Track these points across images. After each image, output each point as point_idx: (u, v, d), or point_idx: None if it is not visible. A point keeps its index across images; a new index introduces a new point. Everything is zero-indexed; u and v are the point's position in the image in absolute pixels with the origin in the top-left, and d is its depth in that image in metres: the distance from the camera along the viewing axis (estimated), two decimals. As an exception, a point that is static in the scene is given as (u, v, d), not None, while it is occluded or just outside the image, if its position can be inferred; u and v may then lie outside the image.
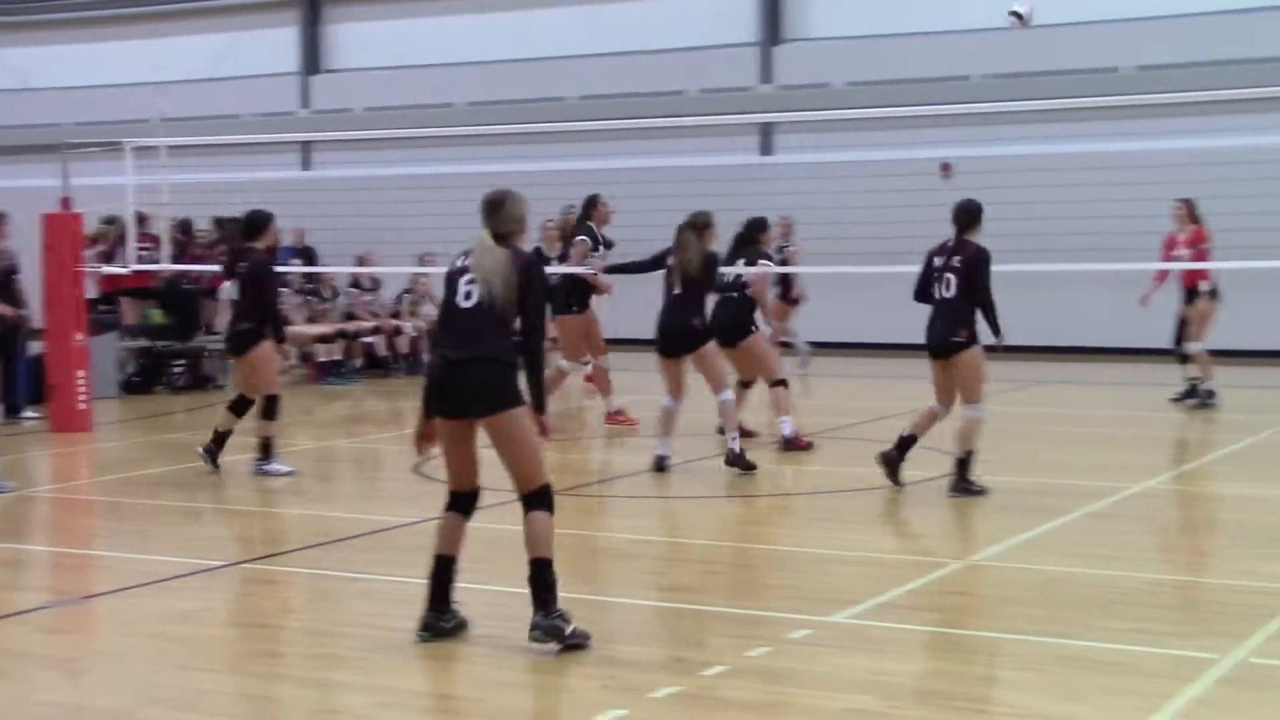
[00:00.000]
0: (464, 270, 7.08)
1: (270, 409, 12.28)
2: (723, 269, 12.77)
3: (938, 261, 10.97)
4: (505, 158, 23.41)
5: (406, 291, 21.99)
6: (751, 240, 13.91)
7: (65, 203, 16.01)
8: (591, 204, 15.19)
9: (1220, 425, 15.17)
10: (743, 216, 14.34)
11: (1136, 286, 18.60)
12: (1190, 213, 16.28)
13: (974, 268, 10.79)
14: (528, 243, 7.66)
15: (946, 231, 18.06)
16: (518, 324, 7.03)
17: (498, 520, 10.45)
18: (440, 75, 27.78)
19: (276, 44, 29.58)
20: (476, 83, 27.28)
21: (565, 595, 8.07)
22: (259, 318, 12.15)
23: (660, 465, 11.98)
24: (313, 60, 29.45)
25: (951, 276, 10.81)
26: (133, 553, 9.38)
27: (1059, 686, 6.31)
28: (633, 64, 26.25)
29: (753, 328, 13.44)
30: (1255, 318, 21.39)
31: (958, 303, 10.78)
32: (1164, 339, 17.25)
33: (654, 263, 12.53)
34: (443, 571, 7.14)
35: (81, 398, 15.22)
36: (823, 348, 21.82)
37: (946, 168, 22.54)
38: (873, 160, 19.03)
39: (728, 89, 25.37)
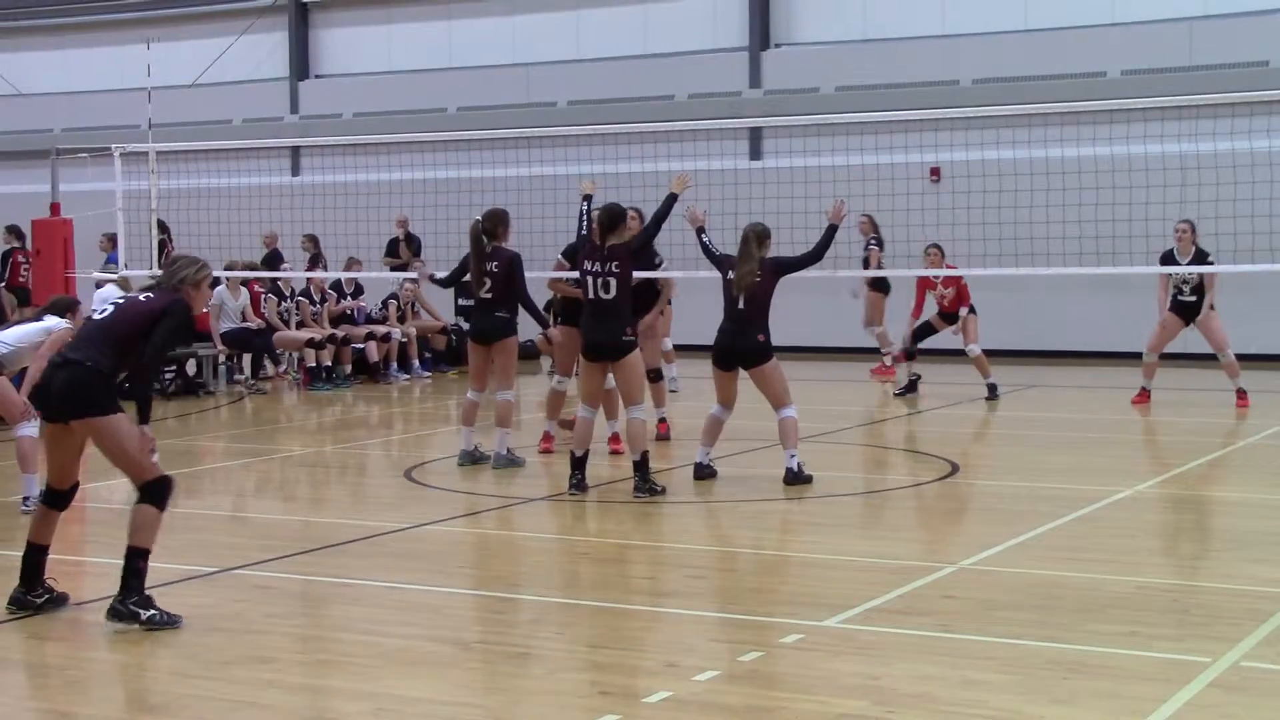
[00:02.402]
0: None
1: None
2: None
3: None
4: (494, 163, 23.40)
5: (392, 297, 21.95)
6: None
7: (54, 208, 16.00)
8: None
9: (1210, 429, 15.20)
10: (733, 220, 14.29)
11: (1126, 290, 18.67)
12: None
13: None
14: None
15: (935, 236, 18.22)
16: None
17: (489, 524, 10.46)
18: (429, 80, 27.78)
19: (265, 50, 29.57)
20: (466, 88, 27.27)
21: (557, 600, 8.09)
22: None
23: (703, 473, 11.80)
24: (302, 66, 29.43)
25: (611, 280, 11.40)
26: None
27: (1051, 690, 6.33)
28: (622, 69, 26.26)
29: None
30: (1241, 322, 21.42)
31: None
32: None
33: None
34: None
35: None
36: (812, 352, 21.84)
37: (936, 172, 22.58)
38: (862, 165, 19.03)
39: (717, 94, 25.39)
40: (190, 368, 19.98)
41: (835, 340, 23.21)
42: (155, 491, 7.67)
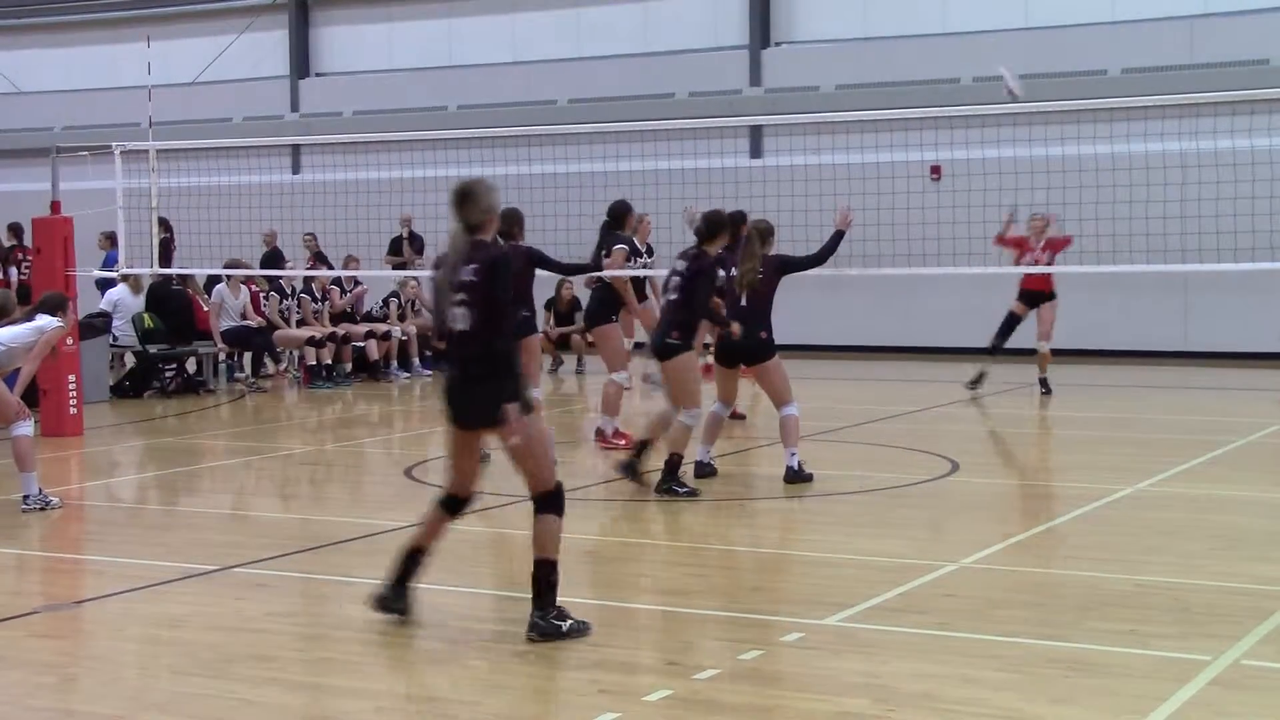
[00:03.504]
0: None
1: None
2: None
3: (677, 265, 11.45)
4: (494, 161, 23.31)
5: (393, 295, 21.95)
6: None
7: (55, 206, 15.98)
8: (627, 211, 14.77)
9: (1210, 428, 15.19)
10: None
11: (1126, 288, 18.64)
12: None
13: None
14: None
15: (936, 234, 18.22)
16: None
17: (490, 523, 10.45)
18: (430, 79, 27.77)
19: (266, 48, 29.56)
20: (466, 86, 27.27)
21: (560, 599, 8.07)
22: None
23: (703, 471, 11.76)
24: (302, 64, 29.42)
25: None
26: (124, 557, 9.37)
27: (1051, 689, 6.33)
28: (622, 67, 26.25)
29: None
30: (1241, 321, 21.44)
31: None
32: (1152, 342, 17.29)
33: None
34: None
35: (72, 402, 15.20)
36: (811, 350, 21.83)
37: (936, 171, 22.57)
38: (862, 163, 19.02)
39: (717, 92, 25.39)
40: (191, 366, 19.99)
41: (836, 338, 23.22)
42: (556, 500, 7.26)
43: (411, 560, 7.52)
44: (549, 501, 7.23)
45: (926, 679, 6.45)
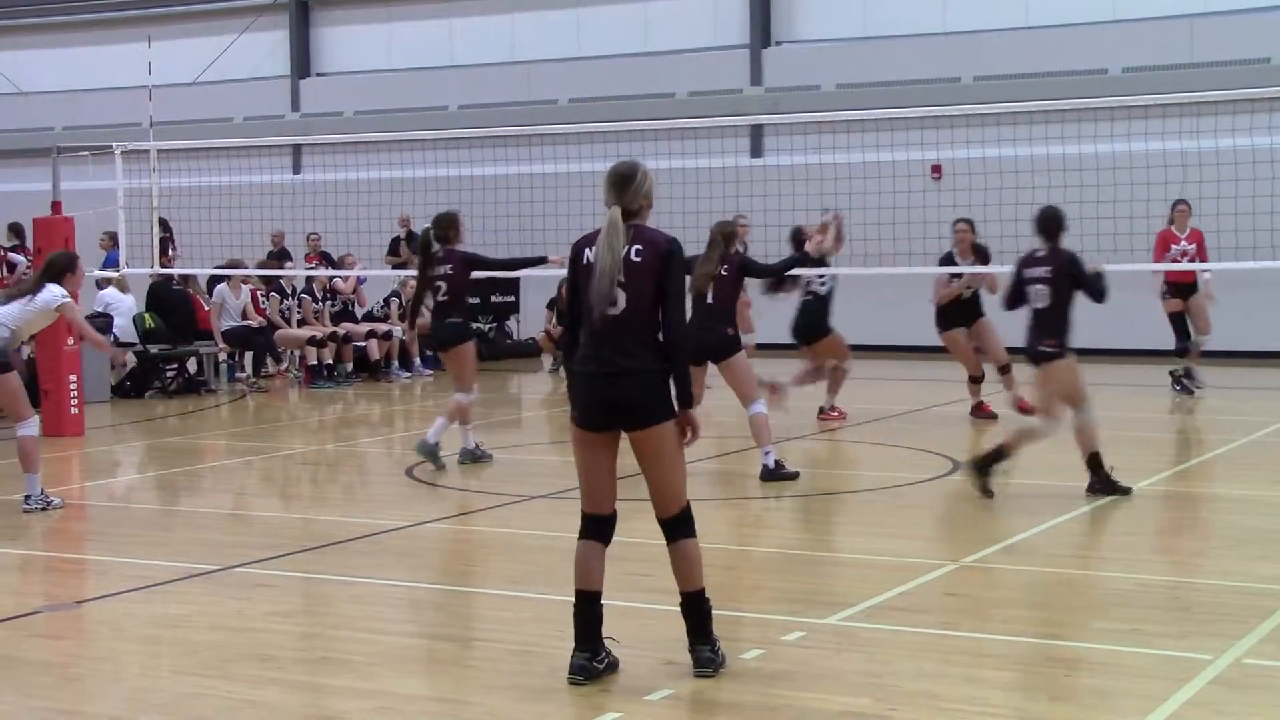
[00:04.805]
0: None
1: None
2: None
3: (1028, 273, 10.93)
4: (495, 160, 23.40)
5: (394, 295, 21.97)
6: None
7: (55, 207, 15.98)
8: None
9: (1213, 426, 15.20)
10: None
11: (1126, 287, 18.50)
12: None
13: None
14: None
15: (937, 234, 18.20)
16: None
17: (490, 523, 10.46)
18: (430, 78, 27.77)
19: (266, 47, 29.57)
20: (466, 86, 27.28)
21: (558, 598, 8.09)
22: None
23: None
24: (303, 63, 29.43)
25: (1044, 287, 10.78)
26: (125, 557, 9.37)
27: (1052, 688, 6.33)
28: (623, 67, 26.25)
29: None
30: (1246, 318, 21.41)
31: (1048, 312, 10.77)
32: (1152, 340, 17.26)
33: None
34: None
35: (73, 402, 15.20)
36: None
37: (937, 170, 22.57)
38: (863, 162, 19.02)
39: (718, 91, 25.39)
40: (192, 365, 19.99)
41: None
42: (691, 520, 6.73)
43: (587, 610, 6.56)
44: (686, 522, 6.71)
45: (927, 678, 6.45)
